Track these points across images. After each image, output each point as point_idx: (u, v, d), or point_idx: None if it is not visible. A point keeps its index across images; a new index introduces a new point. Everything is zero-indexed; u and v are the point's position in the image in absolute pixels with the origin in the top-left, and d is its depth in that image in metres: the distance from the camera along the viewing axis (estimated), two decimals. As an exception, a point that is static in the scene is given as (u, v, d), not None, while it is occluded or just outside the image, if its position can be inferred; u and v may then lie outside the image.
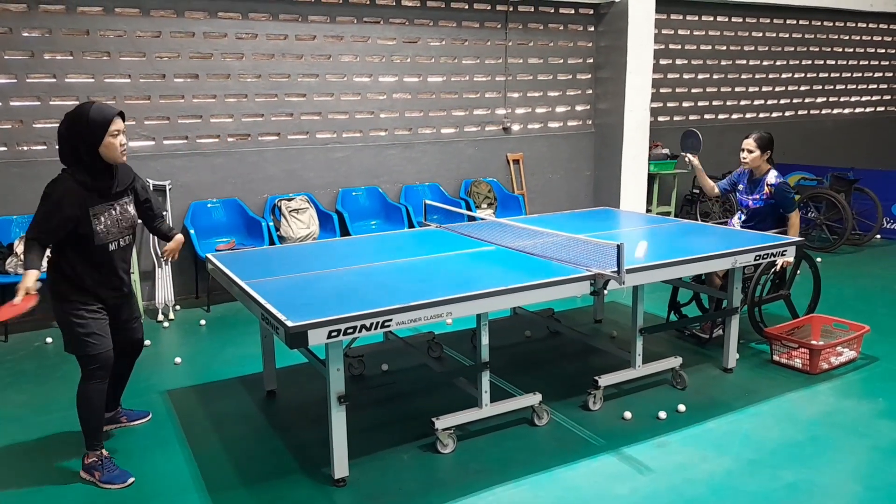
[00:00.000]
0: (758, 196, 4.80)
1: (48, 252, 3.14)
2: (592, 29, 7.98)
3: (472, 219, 5.28)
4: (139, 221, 3.42)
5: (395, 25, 6.84)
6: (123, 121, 3.15)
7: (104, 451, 3.30)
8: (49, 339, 5.21)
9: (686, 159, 5.12)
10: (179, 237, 3.63)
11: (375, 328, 2.87)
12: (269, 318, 2.91)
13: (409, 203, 6.89)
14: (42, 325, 5.52)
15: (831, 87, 10.65)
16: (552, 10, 7.69)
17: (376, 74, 6.82)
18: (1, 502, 3.12)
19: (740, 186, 4.95)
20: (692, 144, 5.13)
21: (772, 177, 4.76)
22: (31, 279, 2.98)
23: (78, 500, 3.12)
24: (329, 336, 2.77)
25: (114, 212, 3.19)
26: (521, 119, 7.76)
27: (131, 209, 3.31)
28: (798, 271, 5.02)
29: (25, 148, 5.58)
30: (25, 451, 3.58)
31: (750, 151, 4.78)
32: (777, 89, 10.00)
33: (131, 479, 3.24)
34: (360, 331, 2.83)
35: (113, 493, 3.15)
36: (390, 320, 2.89)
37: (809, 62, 10.25)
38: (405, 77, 6.99)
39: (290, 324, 2.73)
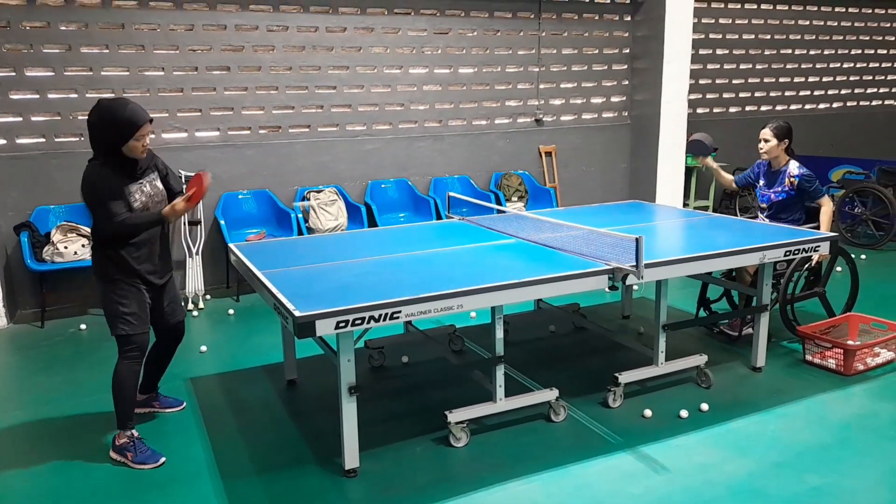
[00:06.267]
0: (779, 189, 4.64)
1: (90, 238, 3.25)
2: (629, 18, 7.81)
3: (500, 212, 5.22)
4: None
5: (426, 16, 6.80)
6: (151, 123, 3.22)
7: (135, 432, 3.37)
8: (83, 326, 5.35)
9: (700, 163, 4.98)
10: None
11: (384, 319, 2.84)
12: (280, 307, 2.91)
13: (438, 196, 6.85)
14: (78, 311, 5.68)
15: (883, 76, 10.21)
16: (587, 0, 7.55)
17: (407, 66, 6.80)
18: (31, 479, 3.21)
19: (760, 182, 4.78)
20: (701, 148, 4.92)
21: (794, 168, 4.60)
22: (172, 206, 3.20)
23: (102, 479, 3.20)
24: (337, 326, 2.76)
25: (145, 188, 3.29)
26: (554, 110, 7.65)
27: (159, 184, 3.40)
28: (838, 268, 4.83)
29: (63, 139, 5.73)
30: (56, 432, 3.68)
31: (766, 141, 4.63)
32: (825, 79, 9.63)
33: (162, 459, 3.32)
34: (368, 322, 2.81)
35: (130, 474, 3.22)
36: (399, 312, 2.86)
37: (859, 51, 9.84)
38: (436, 68, 6.95)
39: (297, 313, 2.73)
